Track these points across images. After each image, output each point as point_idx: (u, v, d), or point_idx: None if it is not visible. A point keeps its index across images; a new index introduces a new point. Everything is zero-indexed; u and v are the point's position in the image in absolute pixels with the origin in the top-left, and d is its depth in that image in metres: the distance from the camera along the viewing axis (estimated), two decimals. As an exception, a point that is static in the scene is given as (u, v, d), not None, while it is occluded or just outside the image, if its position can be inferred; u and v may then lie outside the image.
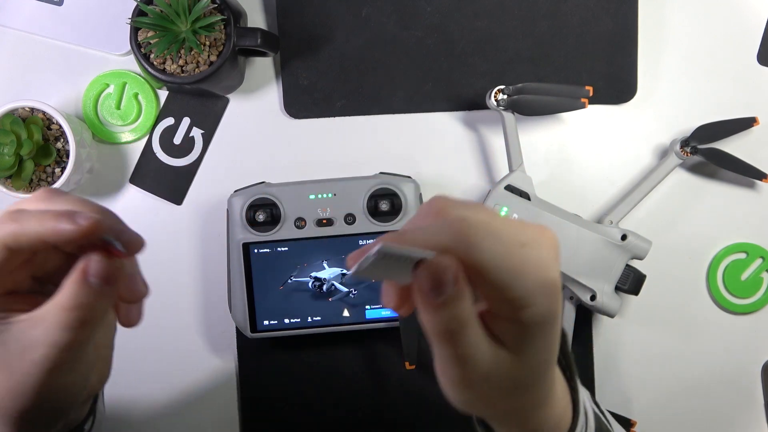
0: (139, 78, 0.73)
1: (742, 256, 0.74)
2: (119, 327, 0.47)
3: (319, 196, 0.69)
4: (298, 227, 0.69)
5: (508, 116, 0.69)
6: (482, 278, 0.32)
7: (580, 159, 0.75)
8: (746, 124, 0.72)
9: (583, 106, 0.68)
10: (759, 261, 0.74)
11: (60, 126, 0.67)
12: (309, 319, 0.70)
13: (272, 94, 0.74)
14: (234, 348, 0.74)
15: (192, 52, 0.66)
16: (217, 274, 0.74)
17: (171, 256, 0.74)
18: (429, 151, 0.74)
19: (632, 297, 0.73)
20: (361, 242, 0.69)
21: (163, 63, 0.66)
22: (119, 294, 0.39)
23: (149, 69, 0.66)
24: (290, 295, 0.69)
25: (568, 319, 0.70)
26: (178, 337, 0.74)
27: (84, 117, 0.73)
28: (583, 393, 0.46)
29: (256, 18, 0.74)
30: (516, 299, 0.32)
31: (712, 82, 0.75)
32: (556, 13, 0.73)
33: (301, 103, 0.73)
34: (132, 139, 0.74)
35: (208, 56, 0.66)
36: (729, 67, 0.74)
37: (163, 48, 0.64)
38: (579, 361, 0.73)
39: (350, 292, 0.69)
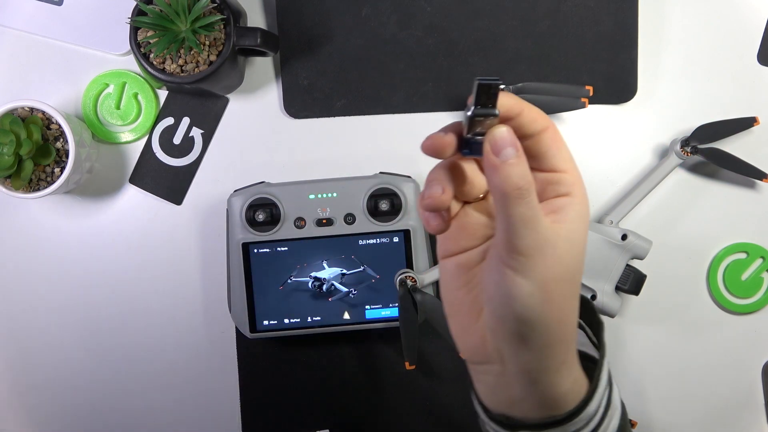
0: (139, 78, 0.73)
1: (743, 256, 0.74)
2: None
3: (319, 195, 0.69)
4: (297, 227, 0.69)
5: (508, 116, 0.69)
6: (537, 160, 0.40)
7: (580, 159, 0.74)
8: (746, 124, 0.72)
9: (583, 106, 0.68)
10: (759, 261, 0.74)
11: (59, 126, 0.67)
12: (309, 319, 0.69)
13: (272, 94, 0.74)
14: (234, 348, 0.74)
15: (192, 52, 0.66)
16: (216, 274, 0.74)
17: (171, 256, 0.74)
18: (429, 151, 0.74)
19: (632, 297, 0.73)
20: (361, 242, 0.69)
21: (163, 63, 0.66)
22: None
23: (149, 69, 0.66)
24: (290, 295, 0.69)
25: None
26: (178, 337, 0.74)
27: (84, 117, 0.73)
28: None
29: (256, 18, 0.74)
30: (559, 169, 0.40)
31: (712, 82, 0.75)
32: (556, 13, 0.73)
33: (301, 103, 0.73)
34: (132, 138, 0.74)
35: (208, 56, 0.66)
36: (729, 67, 0.74)
37: (162, 47, 0.64)
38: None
39: (350, 291, 0.69)
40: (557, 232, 0.38)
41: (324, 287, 0.69)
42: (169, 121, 0.74)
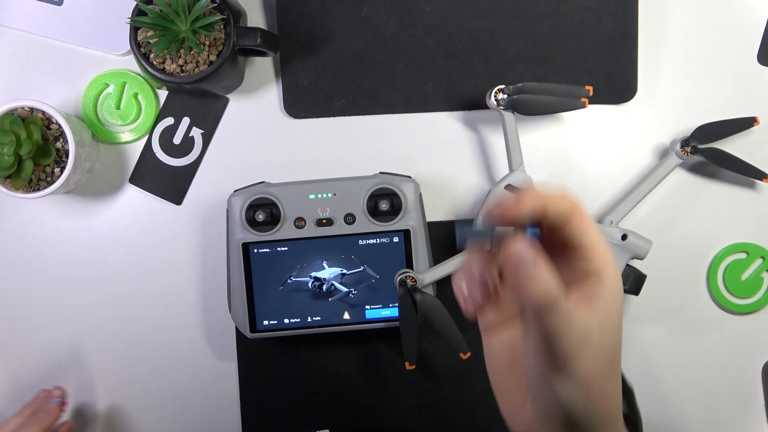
0: (139, 78, 0.73)
1: (743, 256, 0.74)
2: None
3: (319, 195, 0.69)
4: (297, 227, 0.69)
5: (508, 116, 0.69)
6: (566, 249, 0.38)
7: (580, 159, 0.75)
8: (746, 124, 0.72)
9: (583, 106, 0.68)
10: (759, 261, 0.74)
11: (59, 126, 0.67)
12: (309, 319, 0.69)
13: (272, 94, 0.74)
14: (234, 348, 0.74)
15: (192, 52, 0.66)
16: (216, 274, 0.74)
17: (171, 256, 0.74)
18: (429, 151, 0.74)
19: (632, 297, 0.73)
20: (360, 242, 0.69)
21: (163, 63, 0.66)
22: None
23: (149, 69, 0.66)
24: (290, 295, 0.69)
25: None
26: (178, 337, 0.74)
27: (84, 117, 0.73)
28: None
29: (256, 18, 0.74)
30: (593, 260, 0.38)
31: (712, 82, 0.75)
32: (556, 13, 0.73)
33: (301, 103, 0.73)
34: (132, 138, 0.74)
35: (208, 56, 0.66)
36: (729, 67, 0.75)
37: (162, 47, 0.64)
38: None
39: (350, 291, 0.69)
40: (591, 326, 0.37)
41: (324, 287, 0.69)
42: (169, 121, 0.74)
